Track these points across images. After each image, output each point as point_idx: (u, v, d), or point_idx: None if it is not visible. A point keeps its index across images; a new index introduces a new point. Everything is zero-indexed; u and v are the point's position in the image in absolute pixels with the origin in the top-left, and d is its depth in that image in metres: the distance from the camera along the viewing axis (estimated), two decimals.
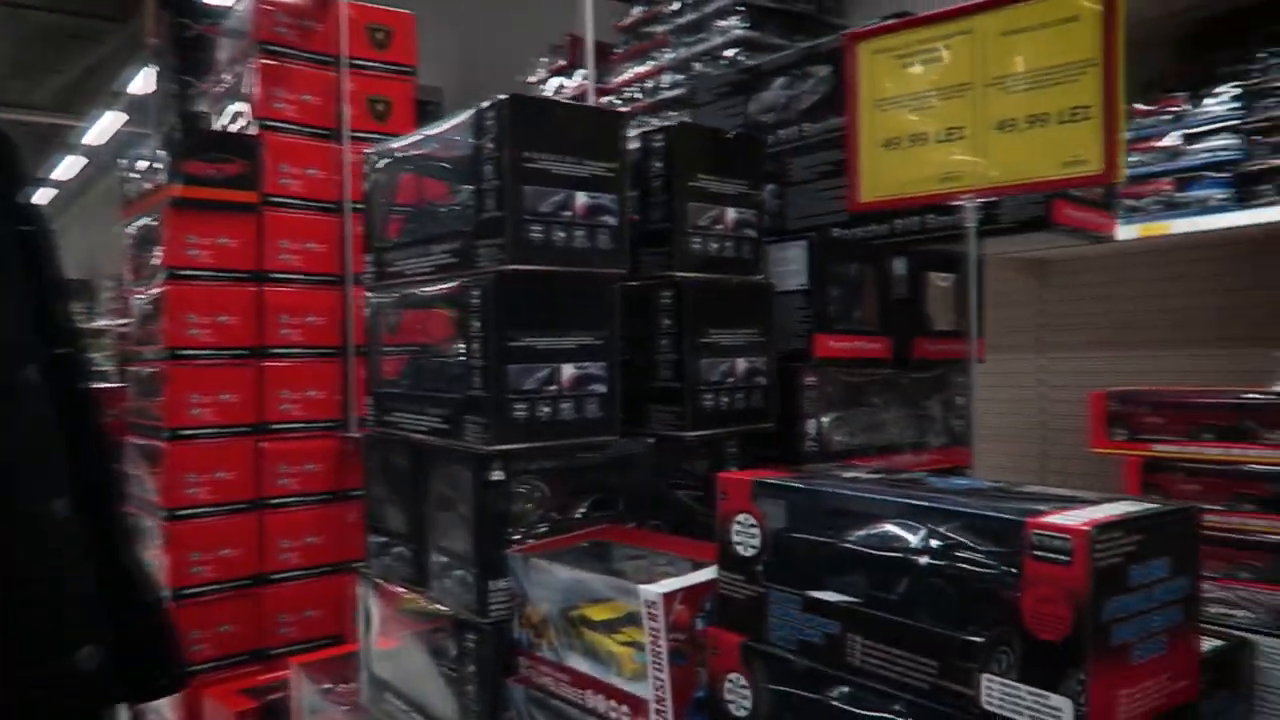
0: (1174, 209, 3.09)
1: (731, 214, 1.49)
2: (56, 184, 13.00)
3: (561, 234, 1.29)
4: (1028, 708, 0.75)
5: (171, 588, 2.42)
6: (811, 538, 0.96)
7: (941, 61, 1.38)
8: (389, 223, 1.56)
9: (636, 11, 5.55)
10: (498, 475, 1.28)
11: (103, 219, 15.40)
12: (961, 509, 0.84)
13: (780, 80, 1.95)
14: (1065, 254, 3.67)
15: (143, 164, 2.79)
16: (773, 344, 1.52)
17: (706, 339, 1.42)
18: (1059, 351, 3.85)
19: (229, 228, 2.56)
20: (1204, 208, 3.03)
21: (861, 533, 0.93)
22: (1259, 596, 1.33)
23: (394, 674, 1.51)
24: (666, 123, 1.49)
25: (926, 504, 0.88)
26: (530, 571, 1.24)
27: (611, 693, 1.10)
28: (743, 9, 4.78)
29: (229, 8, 3.26)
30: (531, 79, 6.21)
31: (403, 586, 1.47)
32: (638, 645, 1.10)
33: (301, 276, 2.68)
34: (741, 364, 1.47)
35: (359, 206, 2.76)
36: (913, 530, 0.88)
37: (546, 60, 6.18)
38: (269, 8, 2.67)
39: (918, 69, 1.40)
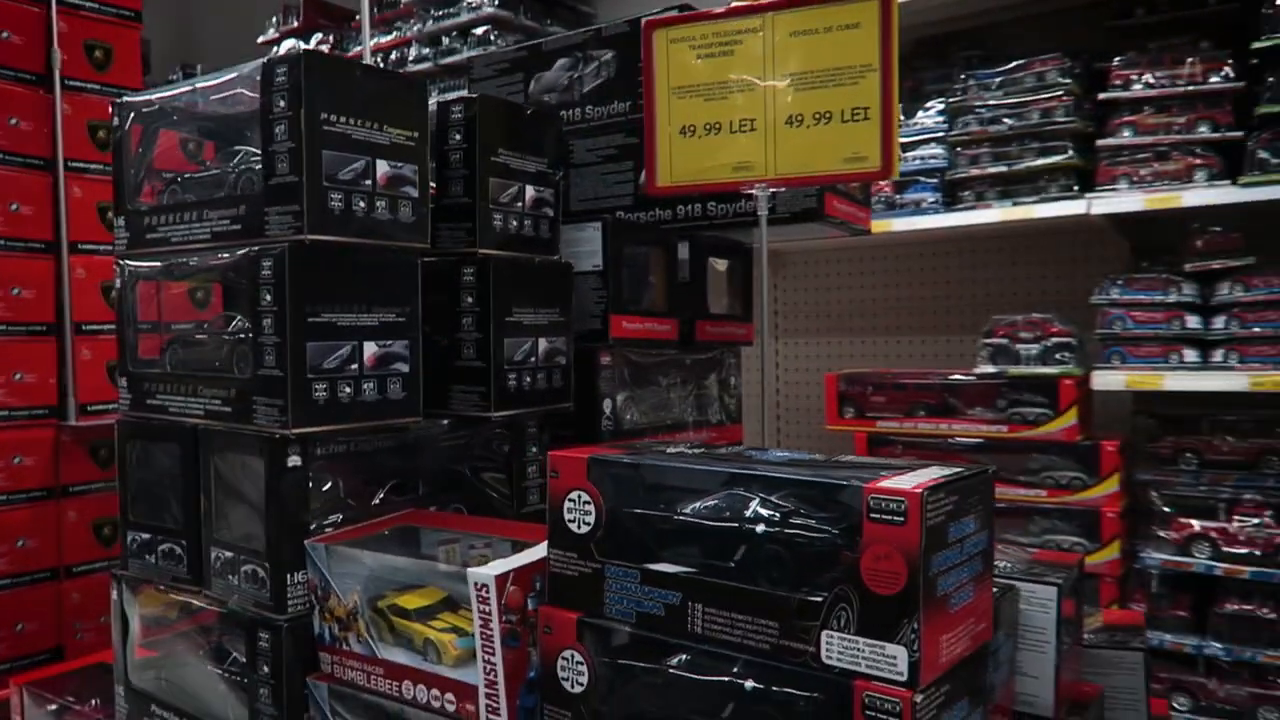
0: (894, 209, 3.43)
1: (531, 191, 1.48)
2: None
3: (362, 204, 1.22)
4: (866, 658, 0.82)
5: None
6: (648, 512, 0.98)
7: (734, 56, 1.44)
8: (146, 184, 1.39)
9: None
10: (295, 461, 1.19)
11: None
12: (799, 478, 0.89)
13: (563, 61, 1.95)
14: (795, 247, 3.97)
15: None
16: (571, 324, 1.52)
17: (510, 318, 1.39)
18: (792, 337, 4.17)
19: None
20: (918, 209, 3.40)
21: (696, 505, 0.96)
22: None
23: (160, 685, 1.36)
24: (467, 95, 1.44)
25: (761, 474, 0.92)
26: (334, 562, 1.16)
27: (434, 681, 1.06)
28: None
29: None
30: (262, 39, 5.77)
31: (172, 587, 1.32)
32: (459, 631, 1.07)
33: (3, 242, 2.33)
34: (543, 344, 1.46)
35: (75, 165, 2.45)
36: (746, 501, 0.93)
37: (278, 20, 5.76)
38: None
39: (713, 60, 1.45)
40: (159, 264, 1.34)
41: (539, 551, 1.07)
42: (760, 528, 0.90)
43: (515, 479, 1.47)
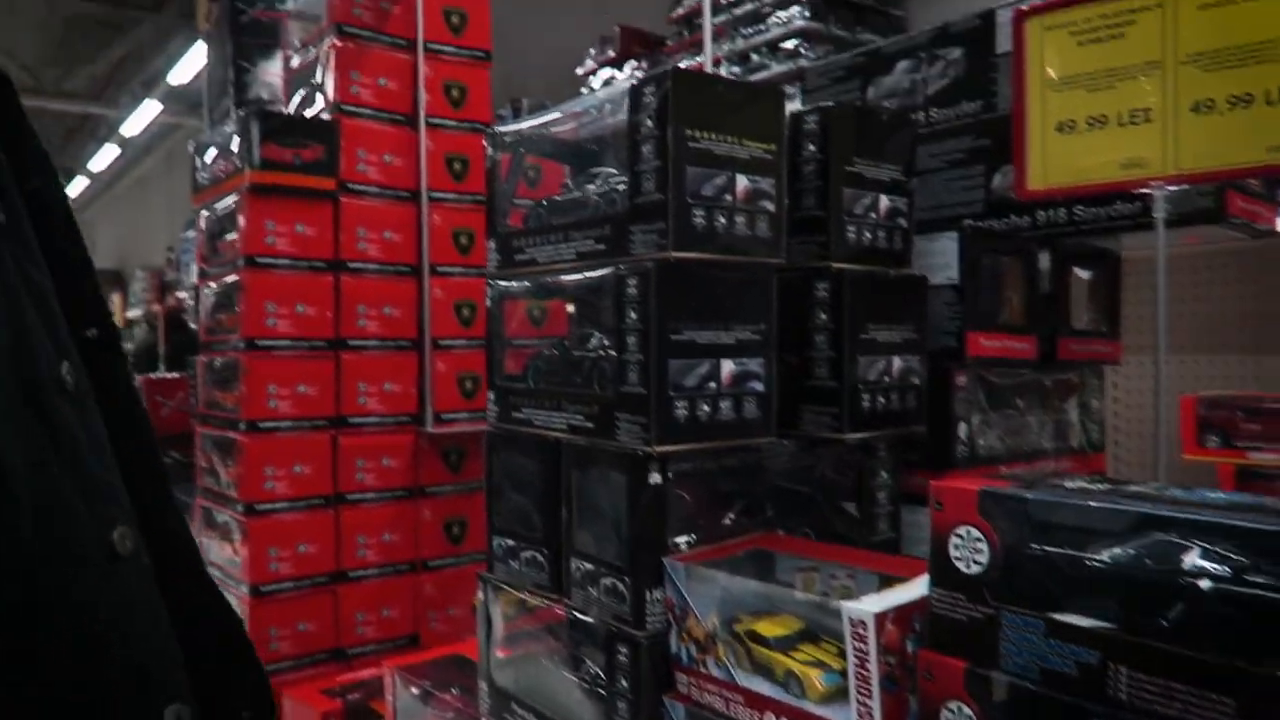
0: None
1: (885, 201, 1.40)
2: (91, 174, 13.02)
3: (723, 220, 1.20)
4: None
5: (250, 583, 2.35)
6: (1054, 553, 0.86)
7: (1126, 38, 1.28)
8: (516, 207, 1.47)
9: (689, 3, 5.46)
10: (656, 478, 1.19)
11: (134, 208, 15.45)
12: (1259, 527, 0.74)
13: (905, 63, 1.85)
14: (1140, 255, 3.55)
15: (212, 151, 2.72)
16: (926, 341, 1.42)
17: (865, 335, 1.32)
18: (1132, 355, 3.73)
19: (307, 215, 2.49)
20: None
21: (1114, 550, 0.83)
22: None
23: (521, 686, 1.42)
24: (823, 103, 1.39)
25: (1199, 519, 0.78)
26: (692, 582, 1.15)
27: (801, 717, 1.01)
28: (803, 1, 4.68)
29: (293, 12, 3.19)
30: (581, 70, 6.12)
31: (534, 594, 1.38)
32: (822, 665, 1.02)
33: (378, 266, 2.61)
34: (898, 363, 1.37)
35: (435, 195, 2.69)
36: (1181, 549, 0.79)
37: (595, 51, 6.09)
38: None
39: (1098, 46, 1.30)
40: (527, 283, 1.41)
41: (917, 589, 0.99)
42: (1205, 583, 0.76)
43: (865, 505, 1.39)
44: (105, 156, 11.76)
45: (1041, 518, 0.88)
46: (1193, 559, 0.79)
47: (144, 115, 9.81)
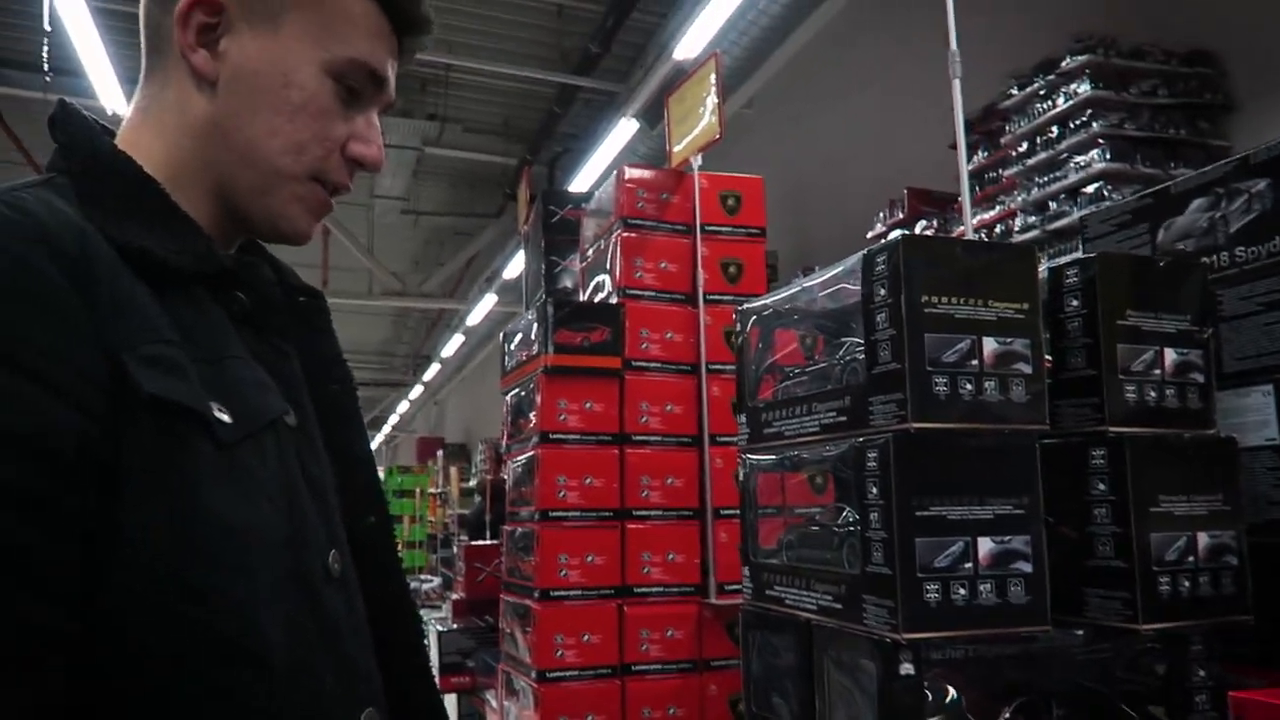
0: None
1: (1171, 355, 1.25)
2: (442, 360, 14.93)
3: (969, 386, 1.13)
4: None
5: None
6: None
7: None
8: (764, 381, 1.48)
9: (981, 157, 5.37)
10: (908, 668, 1.09)
11: (476, 390, 17.41)
12: None
13: (1199, 201, 1.68)
14: None
15: (518, 338, 3.02)
16: (1242, 514, 1.21)
17: (1157, 508, 1.16)
18: None
19: (595, 392, 2.67)
20: None
21: None
22: None
23: None
24: (1082, 255, 1.30)
25: None
26: None
27: None
28: (1103, 141, 4.44)
29: (591, 192, 3.55)
30: (870, 234, 6.17)
31: None
32: None
33: (660, 438, 2.71)
34: (1203, 539, 1.18)
35: (713, 367, 2.77)
36: None
37: (884, 215, 6.13)
38: (631, 186, 2.84)
39: None
40: (774, 457, 1.39)
41: None
42: None
43: (1177, 710, 1.18)
44: (453, 344, 13.43)
45: None
46: None
47: (483, 307, 11.14)
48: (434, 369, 15.79)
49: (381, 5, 0.81)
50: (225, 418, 0.67)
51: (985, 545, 1.11)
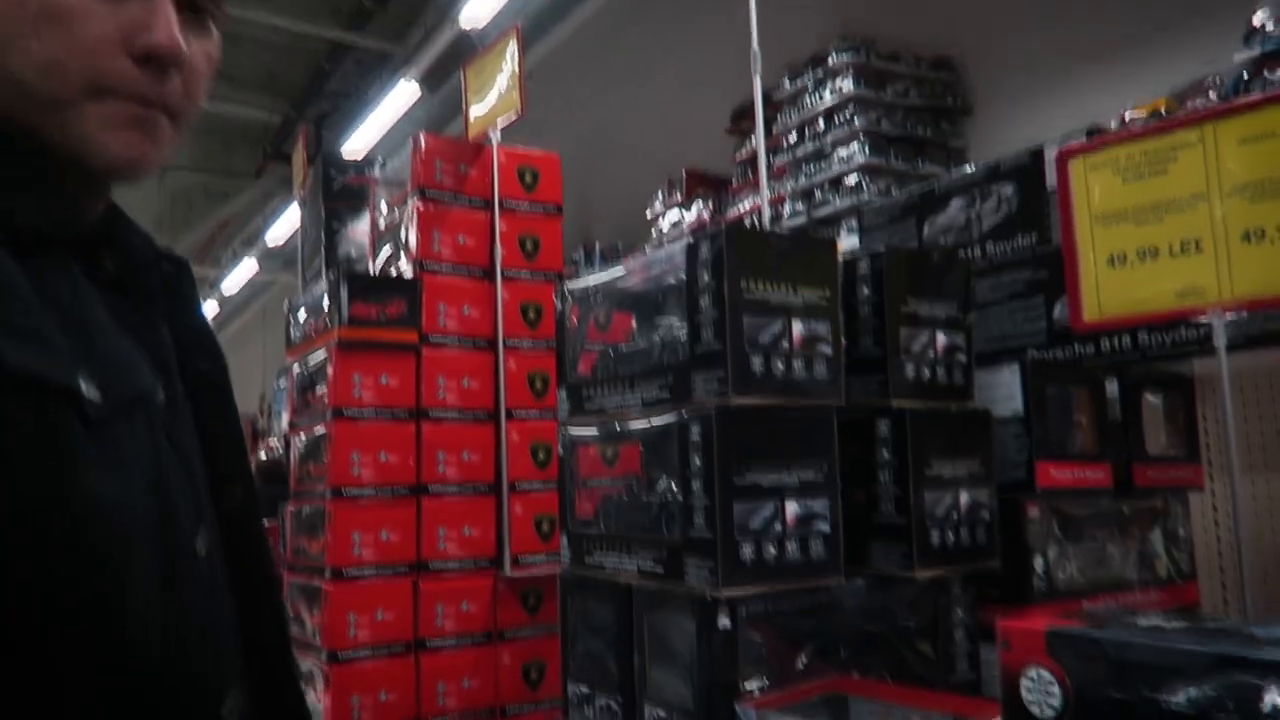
0: None
1: (942, 338, 1.43)
2: None
3: (780, 365, 1.24)
4: None
5: None
6: (1129, 699, 0.84)
7: (1169, 174, 1.31)
8: (585, 358, 1.54)
9: (752, 146, 5.69)
10: (725, 622, 1.20)
11: (232, 360, 16.21)
12: None
13: (958, 200, 1.91)
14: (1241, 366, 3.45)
15: (305, 309, 2.90)
16: (994, 475, 1.42)
17: (930, 470, 1.33)
18: (1255, 474, 3.58)
19: (391, 366, 2.62)
20: None
21: (1191, 692, 0.81)
22: None
23: None
24: (872, 249, 1.46)
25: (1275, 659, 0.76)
26: None
27: None
28: (865, 138, 4.84)
29: (373, 158, 3.45)
30: (650, 214, 6.38)
31: None
32: None
33: (457, 413, 2.71)
34: (965, 497, 1.37)
35: (510, 343, 2.80)
36: (1258, 690, 0.77)
37: (663, 194, 6.35)
38: (429, 156, 2.80)
39: (1142, 182, 1.33)
40: (595, 430, 1.46)
41: None
42: None
43: (941, 644, 1.37)
44: (207, 312, 12.48)
45: (1110, 657, 0.87)
46: (1271, 700, 0.77)
47: (242, 273, 10.44)
48: None
49: None
50: (94, 394, 0.64)
51: (792, 508, 1.23)
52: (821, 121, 5.07)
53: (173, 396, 0.75)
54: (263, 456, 7.00)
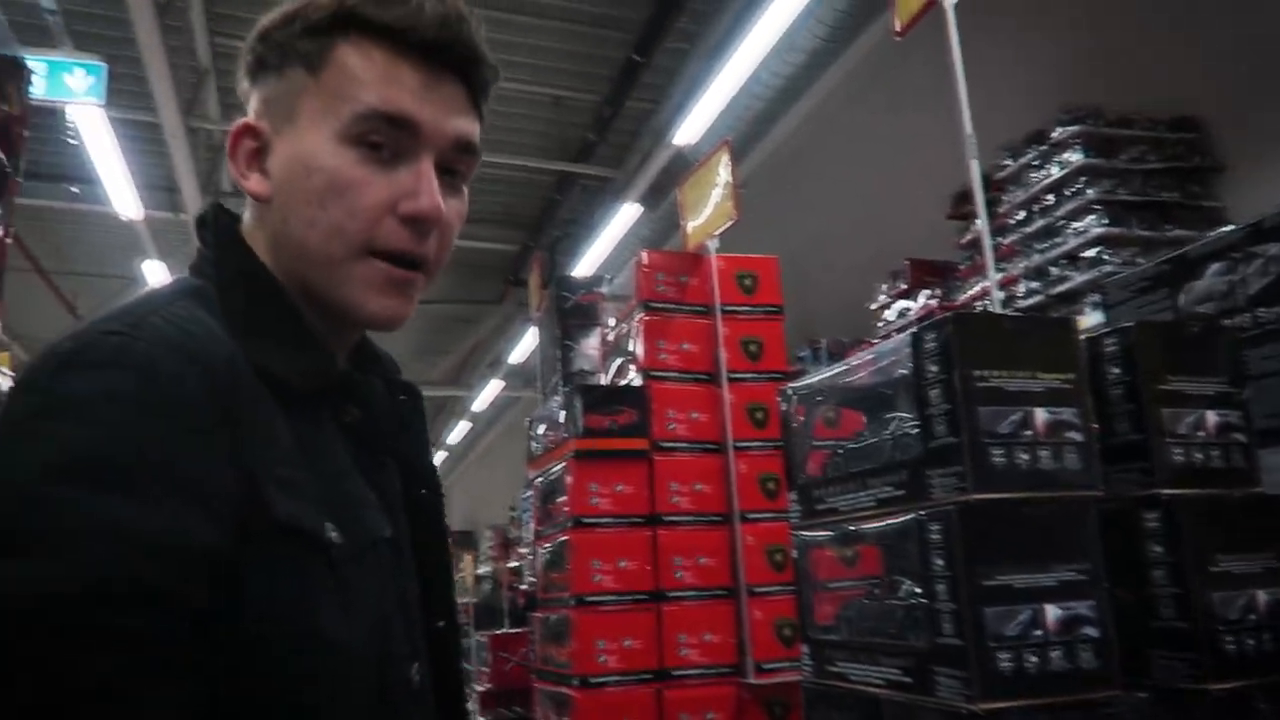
0: None
1: (1213, 417, 1.29)
2: (448, 448, 14.91)
3: (1025, 456, 1.16)
4: None
5: None
6: None
7: None
8: (813, 458, 1.52)
9: (978, 226, 5.49)
10: None
11: (480, 477, 17.34)
12: None
13: (1216, 265, 1.74)
14: None
15: (545, 424, 3.06)
16: None
17: (1215, 567, 1.19)
18: None
19: (625, 474, 2.69)
20: None
21: None
22: None
23: None
24: (1115, 324, 1.35)
25: None
26: None
27: None
28: (1099, 207, 4.55)
29: (602, 276, 3.63)
30: (873, 305, 6.26)
31: None
32: None
33: (691, 518, 2.72)
34: (1262, 596, 1.20)
35: (739, 445, 2.80)
36: None
37: (886, 286, 6.23)
38: (650, 269, 2.92)
39: None
40: (830, 533, 1.42)
41: None
42: None
43: None
44: (459, 431, 13.43)
45: None
46: None
47: (489, 393, 11.18)
48: (440, 457, 15.78)
49: (375, 39, 0.75)
50: (337, 538, 0.70)
51: (1052, 611, 1.13)
52: (1051, 196, 4.82)
53: (397, 536, 0.82)
54: (513, 564, 7.32)
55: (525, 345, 9.47)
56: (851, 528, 1.36)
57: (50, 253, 9.73)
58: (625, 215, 7.25)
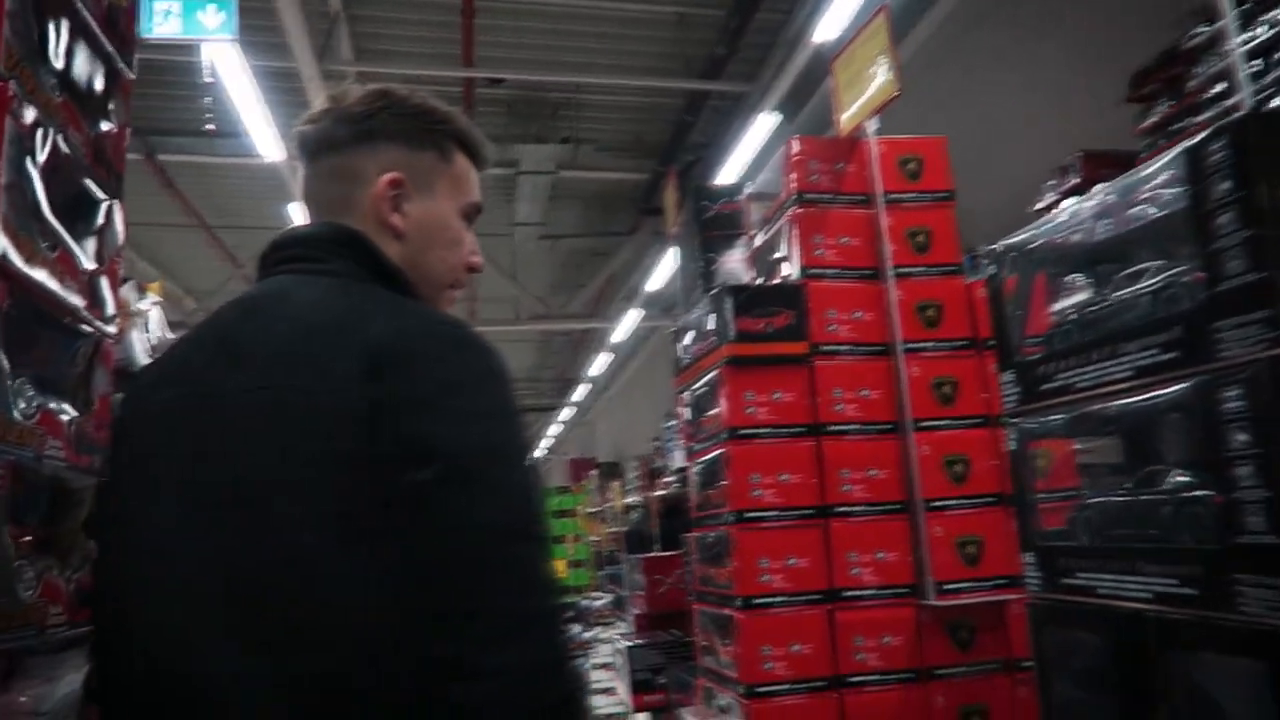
0: None
1: None
2: (589, 380, 15.00)
3: None
4: None
5: None
6: None
7: None
8: (1034, 327, 1.24)
9: (1163, 108, 4.88)
10: None
11: (623, 408, 17.42)
12: None
13: None
14: None
15: (692, 333, 2.85)
16: None
17: None
18: None
19: (782, 381, 2.46)
20: None
21: None
22: None
23: None
24: None
25: None
26: None
27: None
28: None
29: (742, 183, 3.36)
30: (1038, 205, 5.73)
31: None
32: None
33: (857, 427, 2.47)
34: None
35: (909, 346, 2.52)
36: None
37: (1055, 183, 5.68)
38: (802, 158, 2.63)
39: None
40: (1063, 416, 1.15)
41: None
42: None
43: None
44: (599, 363, 13.47)
45: None
46: None
47: (628, 323, 11.09)
48: (582, 390, 15.91)
49: (471, 158, 1.17)
50: None
51: None
52: (1258, 61, 4.18)
53: None
54: (660, 494, 7.24)
55: (662, 273, 9.27)
56: (1095, 408, 1.09)
57: (212, 209, 10.15)
58: (763, 127, 6.86)
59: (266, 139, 6.34)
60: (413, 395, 0.86)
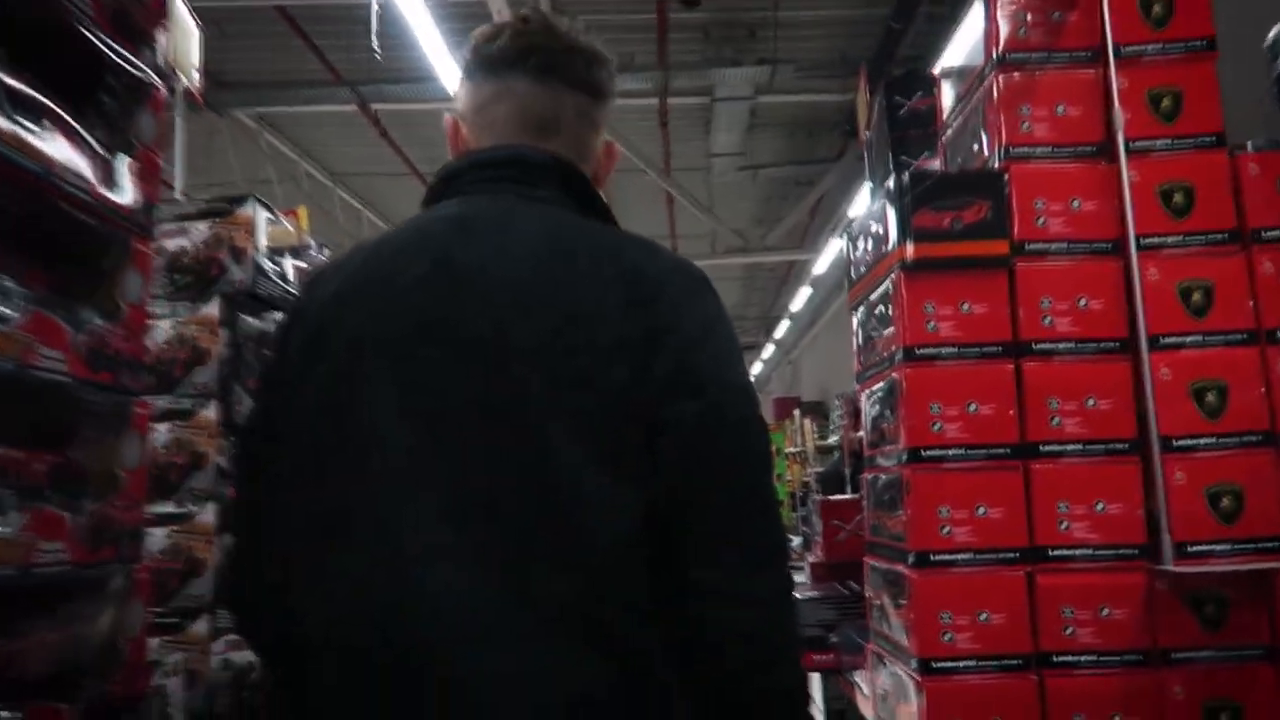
0: None
1: None
2: (793, 316, 14.46)
3: None
4: None
5: None
6: None
7: None
8: None
9: None
10: None
11: (829, 345, 16.75)
12: None
13: None
14: None
15: (863, 238, 2.41)
16: None
17: None
18: None
19: (974, 290, 1.99)
20: None
21: None
22: None
23: None
24: None
25: None
26: None
27: None
28: None
29: (943, 71, 2.83)
30: None
31: None
32: None
33: (1073, 345, 1.96)
34: None
35: (1147, 242, 1.97)
36: None
37: None
38: (1012, 7, 2.10)
39: None
40: None
41: None
42: None
43: None
44: (802, 297, 12.92)
45: None
46: None
47: (830, 254, 10.52)
48: (784, 326, 15.40)
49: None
50: None
51: None
52: None
53: None
54: (858, 434, 6.77)
55: (868, 198, 8.63)
56: None
57: (424, 159, 10.42)
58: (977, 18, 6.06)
59: (453, 73, 6.33)
60: (680, 328, 0.91)
